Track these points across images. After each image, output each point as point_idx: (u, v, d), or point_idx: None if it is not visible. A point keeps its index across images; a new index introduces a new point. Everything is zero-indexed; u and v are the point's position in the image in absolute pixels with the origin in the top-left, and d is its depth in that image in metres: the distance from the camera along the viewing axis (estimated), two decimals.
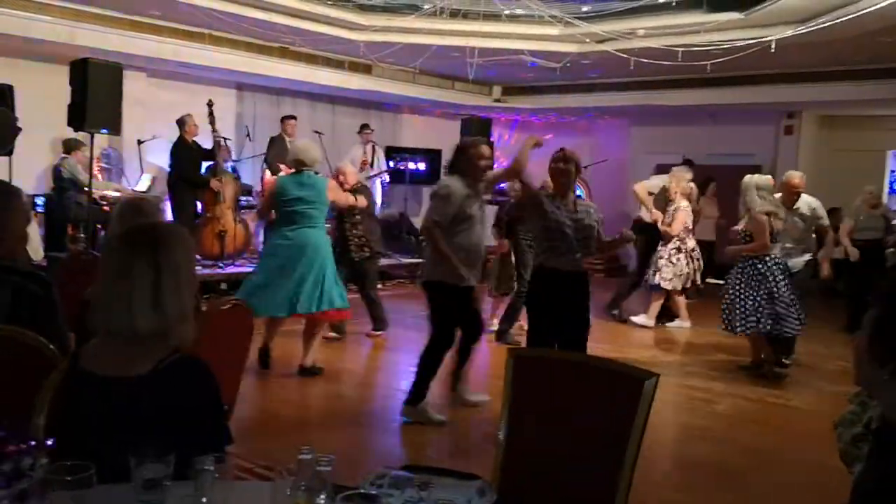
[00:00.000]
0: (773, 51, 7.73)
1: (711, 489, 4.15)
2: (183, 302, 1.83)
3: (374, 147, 11.20)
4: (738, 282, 6.20)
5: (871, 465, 1.63)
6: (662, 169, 9.59)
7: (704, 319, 8.55)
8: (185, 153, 8.93)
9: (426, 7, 8.42)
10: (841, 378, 5.91)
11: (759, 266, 6.10)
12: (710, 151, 12.12)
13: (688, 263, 7.96)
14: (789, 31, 7.66)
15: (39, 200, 8.82)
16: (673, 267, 7.92)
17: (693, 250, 8.01)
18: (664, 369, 6.47)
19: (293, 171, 5.70)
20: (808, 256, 6.67)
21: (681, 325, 8.31)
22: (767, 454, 4.69)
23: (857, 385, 1.62)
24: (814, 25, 7.43)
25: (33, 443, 1.33)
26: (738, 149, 11.92)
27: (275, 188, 5.76)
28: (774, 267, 6.08)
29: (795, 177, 6.54)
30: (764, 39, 7.67)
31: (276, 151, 9.64)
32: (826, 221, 6.83)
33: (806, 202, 6.59)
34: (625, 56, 8.49)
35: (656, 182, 8.66)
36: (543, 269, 4.45)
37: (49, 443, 1.44)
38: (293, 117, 10.39)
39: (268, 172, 9.69)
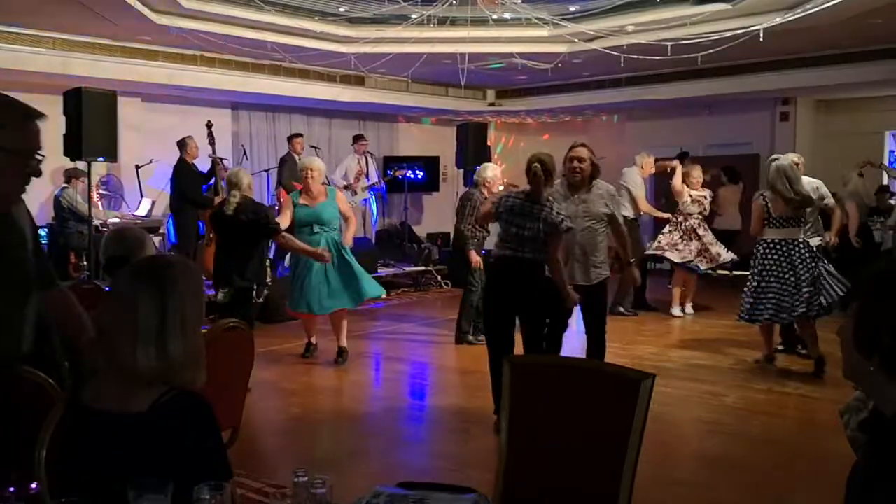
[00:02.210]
0: (761, 39, 7.72)
1: (722, 483, 4.13)
2: (189, 343, 1.77)
3: (367, 158, 11.22)
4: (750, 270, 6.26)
5: (865, 455, 1.63)
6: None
7: (710, 312, 8.57)
8: (187, 174, 9.00)
9: (414, 16, 8.45)
10: None
11: (756, 251, 6.15)
12: (708, 142, 12.13)
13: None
14: (777, 19, 7.65)
15: (42, 231, 8.89)
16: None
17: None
18: (672, 363, 6.51)
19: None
20: (818, 240, 6.53)
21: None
22: (778, 445, 4.69)
23: (844, 377, 1.62)
24: (801, 12, 7.43)
25: (14, 489, 1.34)
26: (734, 138, 11.91)
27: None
28: (768, 251, 6.03)
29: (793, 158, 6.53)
30: (752, 28, 7.67)
31: (289, 171, 9.69)
32: (831, 201, 6.72)
33: (807, 183, 6.48)
34: (614, 53, 8.50)
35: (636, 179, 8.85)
36: None
37: (33, 487, 1.45)
38: (300, 135, 10.44)
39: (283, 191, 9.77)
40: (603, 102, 12.23)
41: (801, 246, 5.95)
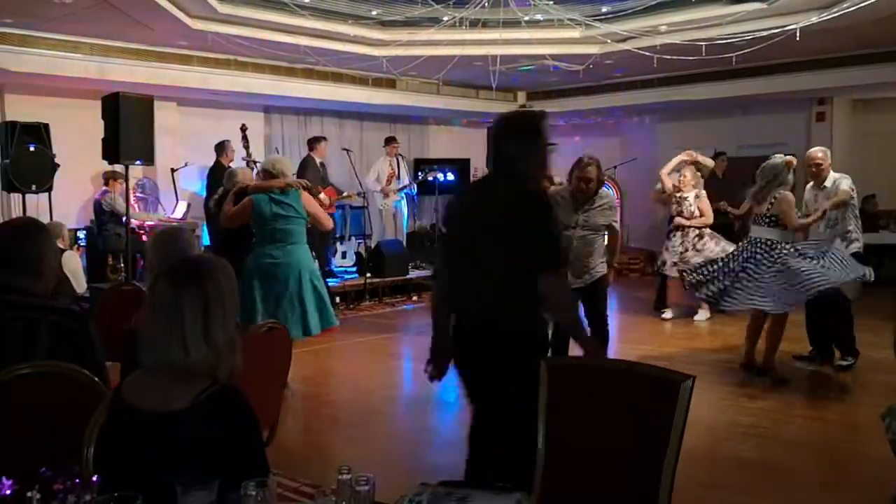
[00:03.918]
0: (798, 39, 7.63)
1: (758, 487, 4.09)
2: (229, 331, 1.90)
3: (398, 160, 11.27)
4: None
5: None
6: None
7: (743, 316, 8.46)
8: (223, 178, 9.08)
9: (446, 19, 8.47)
10: (891, 367, 5.78)
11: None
12: (742, 143, 11.96)
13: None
14: (813, 18, 7.55)
15: (81, 234, 9.06)
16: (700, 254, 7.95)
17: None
18: (707, 366, 6.45)
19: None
20: (856, 245, 6.21)
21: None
22: (814, 449, 4.63)
23: None
24: (837, 11, 7.32)
25: (78, 480, 1.38)
26: (769, 139, 11.72)
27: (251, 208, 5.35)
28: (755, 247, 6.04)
29: (811, 152, 6.41)
30: (788, 28, 7.58)
31: (310, 173, 9.70)
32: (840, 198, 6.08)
33: (831, 179, 6.23)
34: (647, 54, 8.46)
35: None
36: None
37: (94, 479, 1.49)
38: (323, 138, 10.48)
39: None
40: (635, 103, 12.16)
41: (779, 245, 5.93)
